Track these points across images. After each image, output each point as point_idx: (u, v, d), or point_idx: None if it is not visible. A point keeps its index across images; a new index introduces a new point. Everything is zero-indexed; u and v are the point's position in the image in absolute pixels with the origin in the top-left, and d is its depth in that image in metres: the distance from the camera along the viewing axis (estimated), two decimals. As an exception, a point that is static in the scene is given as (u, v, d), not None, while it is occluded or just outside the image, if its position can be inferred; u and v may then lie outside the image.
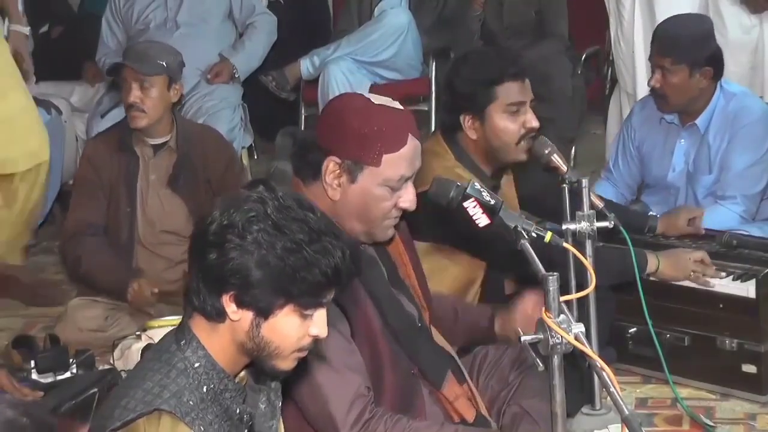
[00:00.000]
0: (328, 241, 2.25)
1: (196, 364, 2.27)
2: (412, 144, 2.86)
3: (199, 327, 2.30)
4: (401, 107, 2.92)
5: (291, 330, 2.27)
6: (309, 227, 2.24)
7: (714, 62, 4.46)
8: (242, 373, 2.36)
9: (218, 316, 2.26)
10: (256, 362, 2.32)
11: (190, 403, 2.23)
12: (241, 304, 2.24)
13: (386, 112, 2.87)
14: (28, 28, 5.54)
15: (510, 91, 3.73)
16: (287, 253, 2.21)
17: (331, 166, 2.84)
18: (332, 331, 2.75)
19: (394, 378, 2.91)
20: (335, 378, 2.78)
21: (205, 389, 2.26)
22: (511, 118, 3.73)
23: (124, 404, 2.23)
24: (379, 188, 2.85)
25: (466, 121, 3.76)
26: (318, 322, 2.28)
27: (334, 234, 2.28)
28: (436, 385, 3.01)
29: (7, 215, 5.24)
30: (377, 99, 2.91)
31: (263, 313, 2.24)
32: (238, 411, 2.32)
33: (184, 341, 2.29)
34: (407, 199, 2.88)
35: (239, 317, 2.25)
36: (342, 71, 6.23)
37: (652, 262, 3.97)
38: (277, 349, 2.28)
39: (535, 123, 3.74)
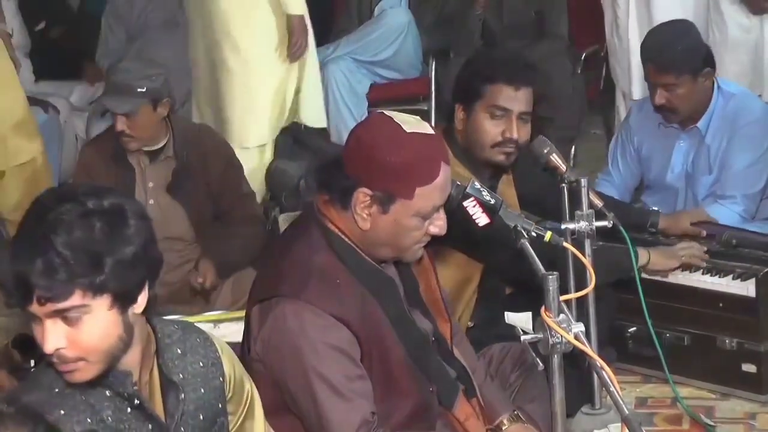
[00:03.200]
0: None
1: None
2: (444, 173, 2.80)
3: None
4: (432, 131, 2.84)
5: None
6: None
7: (710, 61, 4.47)
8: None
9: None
10: None
11: (56, 390, 2.27)
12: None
13: (417, 142, 2.77)
14: (11, 28, 5.41)
15: (499, 93, 3.68)
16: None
17: (361, 197, 2.78)
18: (340, 356, 2.76)
19: (412, 396, 2.89)
20: (341, 405, 2.77)
21: None
22: (492, 121, 3.69)
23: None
24: (411, 219, 2.80)
25: (458, 111, 3.76)
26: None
27: None
28: (447, 406, 2.99)
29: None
30: (407, 124, 2.80)
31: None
32: (126, 394, 2.32)
33: None
34: (438, 225, 2.84)
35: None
36: (342, 71, 6.23)
37: (643, 255, 3.94)
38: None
39: (514, 135, 3.67)
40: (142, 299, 2.31)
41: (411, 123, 2.81)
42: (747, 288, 4.03)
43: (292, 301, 2.77)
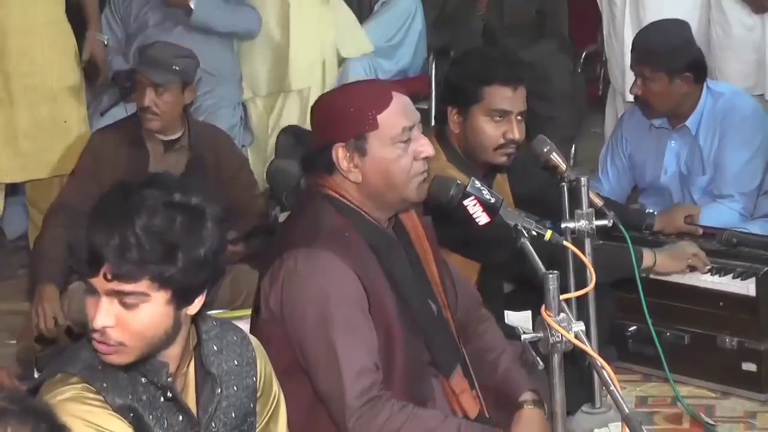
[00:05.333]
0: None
1: None
2: (398, 98, 2.91)
3: None
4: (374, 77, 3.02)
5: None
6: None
7: (694, 68, 4.46)
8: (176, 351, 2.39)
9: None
10: None
11: (99, 368, 2.30)
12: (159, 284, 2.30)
13: (362, 83, 3.01)
14: (107, 36, 5.54)
15: (497, 95, 3.70)
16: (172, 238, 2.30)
17: (340, 152, 2.87)
18: (354, 307, 2.80)
19: (404, 363, 2.90)
20: (351, 348, 2.78)
21: None
22: (492, 124, 3.72)
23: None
24: (390, 149, 2.87)
25: (452, 114, 3.76)
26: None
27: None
28: (445, 373, 3.01)
29: None
30: (349, 82, 3.01)
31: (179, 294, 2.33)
32: (160, 385, 2.35)
33: None
34: (422, 145, 2.89)
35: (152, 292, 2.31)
36: (364, 68, 6.19)
37: (648, 257, 3.93)
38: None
39: (516, 136, 3.71)
40: (198, 302, 2.35)
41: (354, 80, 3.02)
42: (747, 287, 4.04)
43: (304, 249, 2.82)
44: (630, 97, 5.11)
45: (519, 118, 3.72)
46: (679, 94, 4.45)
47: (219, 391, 2.45)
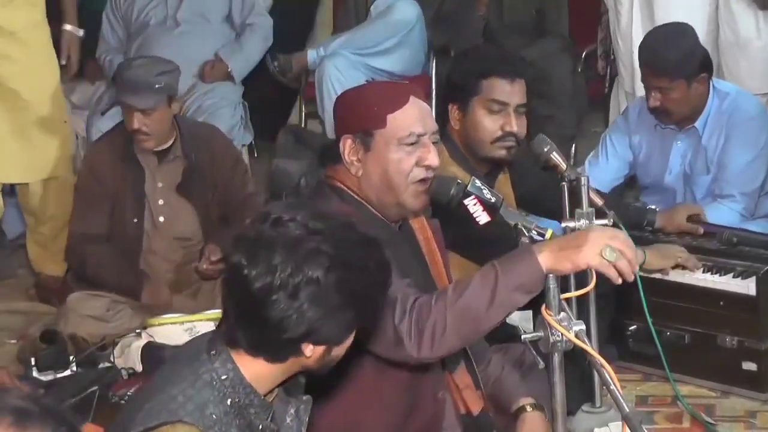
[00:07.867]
0: (375, 249, 2.29)
1: (223, 377, 2.25)
2: (415, 102, 2.92)
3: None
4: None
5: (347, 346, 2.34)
6: (366, 247, 2.29)
7: (706, 66, 4.47)
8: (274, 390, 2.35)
9: (285, 358, 2.27)
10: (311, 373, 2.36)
11: (213, 416, 2.22)
12: (318, 343, 2.25)
13: (382, 82, 3.02)
14: (82, 31, 5.43)
15: (494, 87, 3.74)
16: (365, 287, 2.27)
17: (348, 144, 2.90)
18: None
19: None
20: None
21: (229, 402, 2.25)
22: (490, 116, 3.75)
23: (148, 408, 2.21)
24: (394, 150, 2.87)
25: (453, 111, 3.78)
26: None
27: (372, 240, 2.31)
28: (448, 368, 3.02)
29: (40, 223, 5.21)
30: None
31: (338, 342, 2.28)
32: (261, 427, 2.30)
33: (214, 352, 2.27)
34: (429, 152, 2.88)
35: (312, 353, 2.26)
36: (336, 67, 6.15)
37: (638, 255, 3.93)
38: (336, 359, 2.33)
39: (514, 128, 3.75)
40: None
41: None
42: (748, 286, 4.04)
43: None
44: (638, 94, 5.10)
45: (518, 111, 3.75)
46: (696, 96, 4.46)
47: (306, 419, 2.44)
